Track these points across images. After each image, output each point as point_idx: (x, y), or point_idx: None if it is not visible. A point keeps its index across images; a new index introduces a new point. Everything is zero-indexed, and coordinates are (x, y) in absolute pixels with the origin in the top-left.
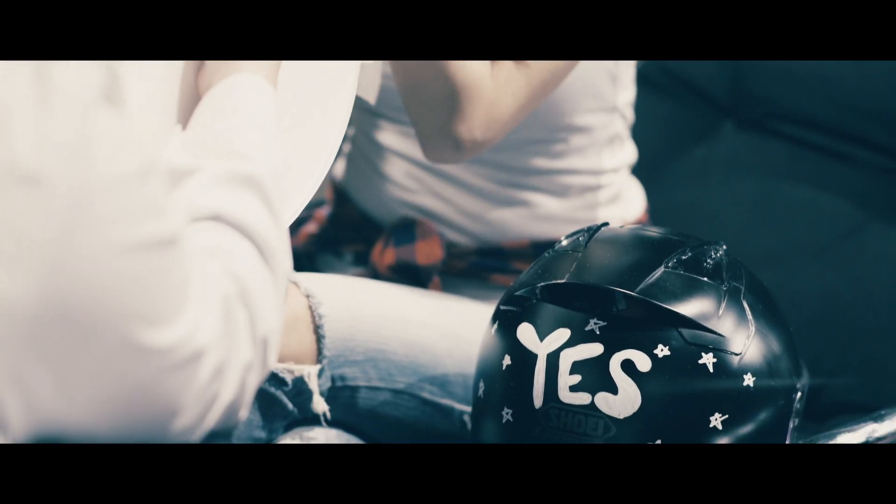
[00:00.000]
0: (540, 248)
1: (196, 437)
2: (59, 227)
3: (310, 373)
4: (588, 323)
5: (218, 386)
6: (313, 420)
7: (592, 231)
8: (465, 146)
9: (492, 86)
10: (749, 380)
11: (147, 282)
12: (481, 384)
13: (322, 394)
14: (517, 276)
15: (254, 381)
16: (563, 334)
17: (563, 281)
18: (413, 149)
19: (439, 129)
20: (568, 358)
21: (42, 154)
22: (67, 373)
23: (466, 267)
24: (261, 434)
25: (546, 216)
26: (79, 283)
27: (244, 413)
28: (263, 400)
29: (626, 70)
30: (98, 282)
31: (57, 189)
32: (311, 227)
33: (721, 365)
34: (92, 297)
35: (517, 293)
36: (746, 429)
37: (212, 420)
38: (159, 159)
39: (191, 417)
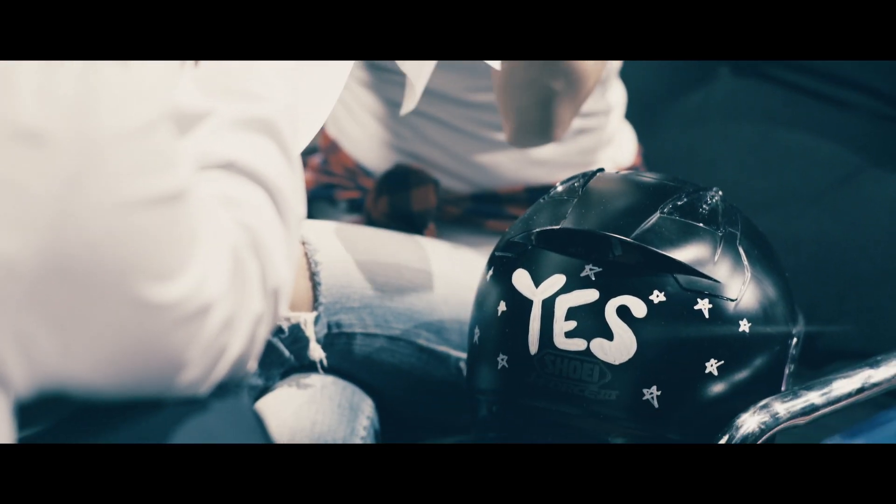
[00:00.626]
0: (534, 193)
1: (203, 390)
2: (63, 184)
3: (306, 320)
4: (583, 269)
5: (227, 339)
6: (310, 367)
7: (588, 177)
8: (555, 137)
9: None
10: (745, 326)
11: (153, 236)
12: (476, 331)
13: (318, 341)
14: (512, 222)
15: (264, 333)
16: (558, 280)
17: (558, 227)
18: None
19: (541, 119)
20: (563, 304)
21: (45, 109)
22: (70, 329)
23: (461, 213)
24: (258, 381)
25: (540, 161)
26: (82, 240)
27: (253, 365)
28: None
29: None
30: (102, 238)
31: (60, 145)
32: (304, 175)
33: (717, 311)
34: (96, 254)
35: (512, 239)
36: (742, 375)
37: (220, 373)
38: (167, 110)
39: (198, 371)
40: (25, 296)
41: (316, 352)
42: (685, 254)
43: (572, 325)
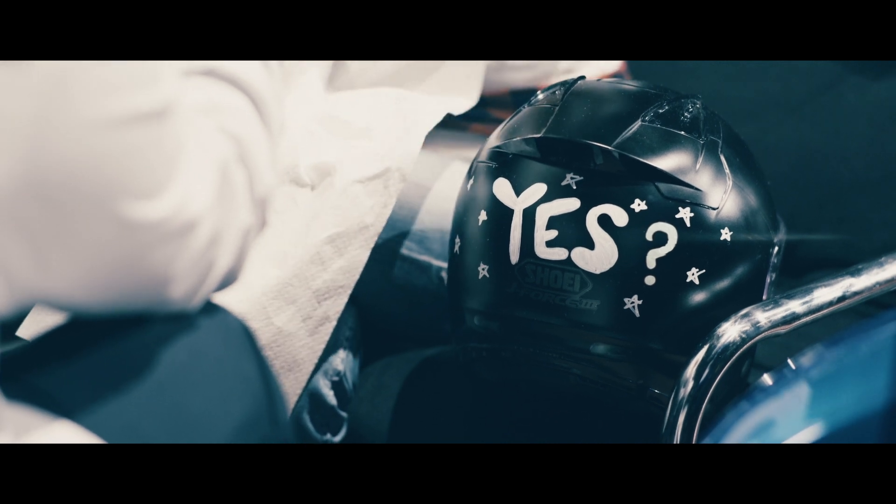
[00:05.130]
0: (519, 97)
1: (193, 304)
2: (40, 104)
3: None
4: (564, 178)
5: (214, 253)
6: None
7: (569, 85)
8: None
9: None
10: (726, 234)
11: (136, 155)
12: (457, 240)
13: None
14: (496, 125)
15: (251, 243)
16: (539, 189)
17: (539, 135)
18: None
19: None
20: (544, 213)
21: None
22: (50, 250)
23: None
24: None
25: (524, 64)
26: (62, 161)
27: (241, 275)
28: None
29: None
30: (82, 158)
31: (38, 64)
32: None
33: (698, 219)
34: (76, 175)
35: (493, 148)
36: (723, 284)
37: (210, 286)
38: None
39: (186, 286)
40: (3, 218)
41: None
42: (667, 162)
43: (553, 234)
